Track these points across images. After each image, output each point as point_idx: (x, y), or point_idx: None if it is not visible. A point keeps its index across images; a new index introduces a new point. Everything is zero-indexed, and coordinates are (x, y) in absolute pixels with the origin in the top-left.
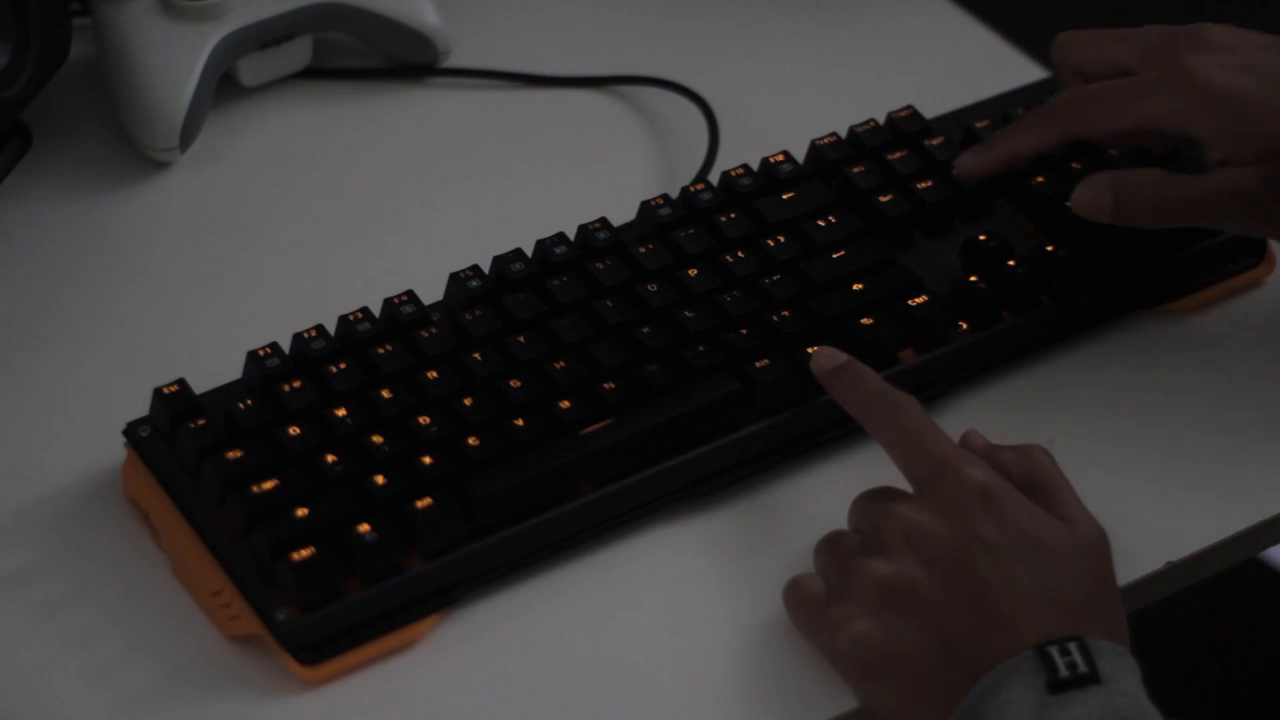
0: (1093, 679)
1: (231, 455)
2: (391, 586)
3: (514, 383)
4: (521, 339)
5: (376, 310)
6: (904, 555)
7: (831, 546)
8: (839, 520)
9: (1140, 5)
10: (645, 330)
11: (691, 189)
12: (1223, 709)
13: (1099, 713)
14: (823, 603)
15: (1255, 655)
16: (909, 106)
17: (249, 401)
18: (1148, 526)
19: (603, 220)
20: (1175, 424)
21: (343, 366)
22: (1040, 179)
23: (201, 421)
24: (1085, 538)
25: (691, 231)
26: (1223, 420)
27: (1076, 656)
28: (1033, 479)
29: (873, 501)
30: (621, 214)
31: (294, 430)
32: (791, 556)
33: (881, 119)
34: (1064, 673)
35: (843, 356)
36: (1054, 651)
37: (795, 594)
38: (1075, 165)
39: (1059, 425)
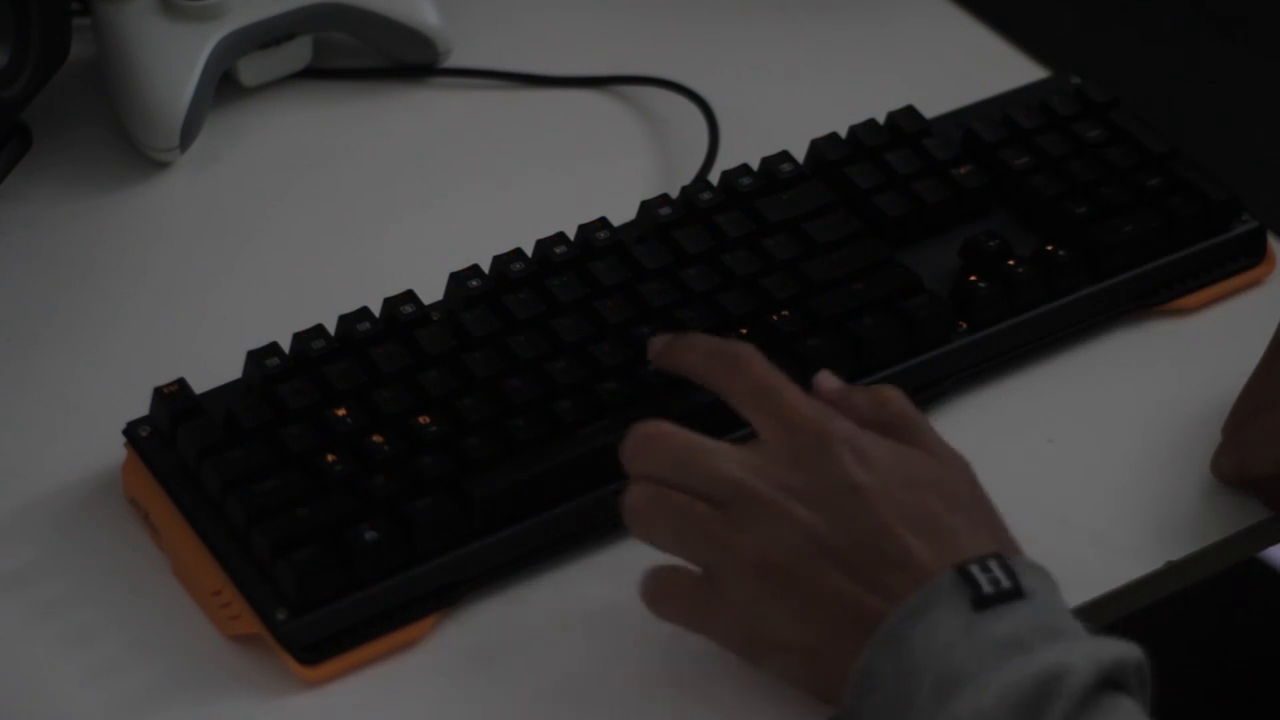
0: (1017, 593)
1: (231, 455)
2: (391, 586)
3: (514, 383)
4: (521, 339)
5: (376, 310)
6: (777, 522)
7: (682, 519)
8: None
9: (1140, 5)
10: (646, 330)
11: (691, 189)
12: (1223, 709)
13: (1028, 625)
14: (702, 589)
15: (1255, 655)
16: (909, 106)
17: (249, 401)
18: (1148, 526)
19: (603, 220)
20: (1176, 424)
21: (343, 366)
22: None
23: (201, 421)
24: (955, 466)
25: (691, 231)
26: (1222, 420)
27: (998, 573)
28: (889, 422)
29: (700, 455)
30: (621, 214)
31: (294, 430)
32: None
33: (881, 119)
34: (987, 589)
35: (669, 335)
36: (974, 570)
37: (663, 591)
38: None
39: (1059, 425)
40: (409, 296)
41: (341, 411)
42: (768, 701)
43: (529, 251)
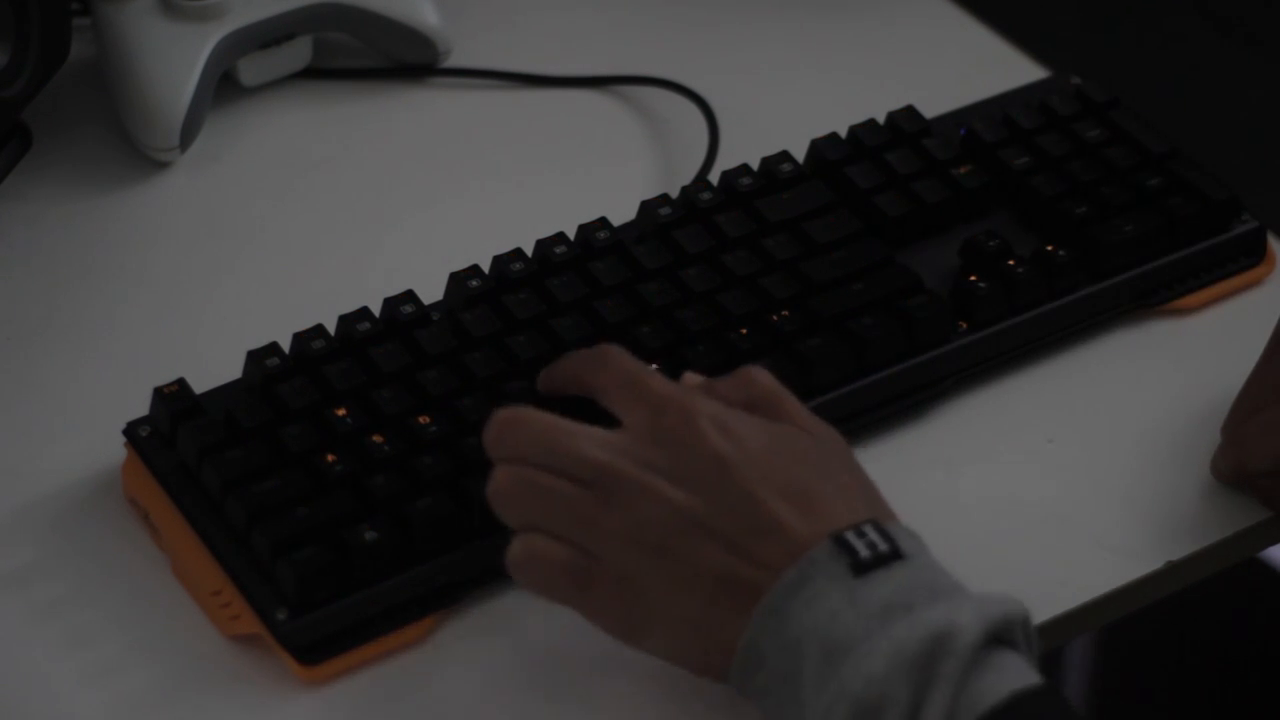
0: (895, 555)
1: (231, 455)
2: (391, 586)
3: (514, 383)
4: (521, 339)
5: (376, 310)
6: (644, 500)
7: (550, 499)
8: None
9: (1140, 5)
10: (645, 330)
11: (691, 189)
12: (1223, 709)
13: (910, 586)
14: (573, 566)
15: (1255, 655)
16: (909, 106)
17: (249, 401)
18: (1148, 526)
19: (603, 220)
20: (1176, 424)
21: (343, 366)
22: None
23: (201, 421)
24: (825, 438)
25: (691, 231)
26: (1222, 420)
27: (875, 537)
28: (756, 400)
29: (564, 438)
30: (621, 214)
31: (294, 430)
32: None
33: (881, 119)
34: (865, 553)
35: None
36: (850, 537)
37: (533, 564)
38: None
39: (1059, 425)
40: (409, 296)
41: (341, 411)
42: None
43: (529, 251)
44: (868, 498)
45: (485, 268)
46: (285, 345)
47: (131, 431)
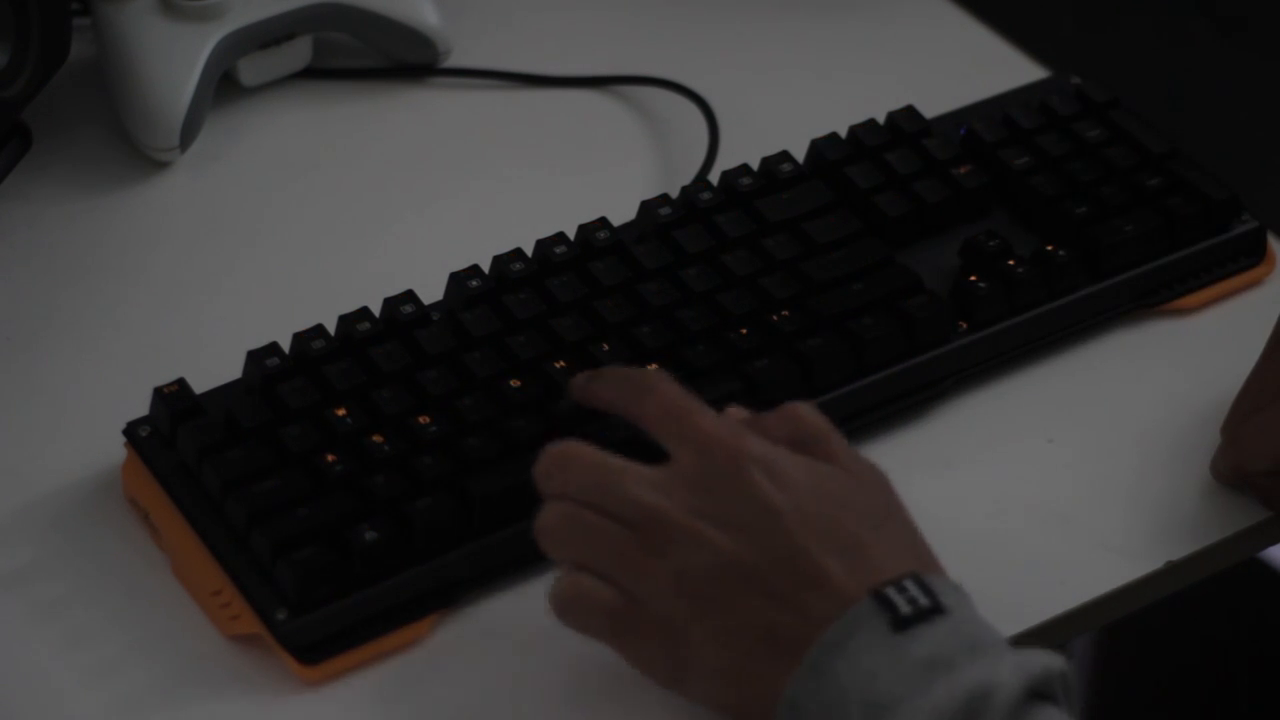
0: (936, 610)
1: (231, 455)
2: (391, 586)
3: (514, 383)
4: (521, 339)
5: (376, 310)
6: (692, 546)
7: (597, 541)
8: None
9: (1140, 5)
10: (645, 330)
11: (691, 189)
12: (1223, 709)
13: (951, 641)
14: (617, 607)
15: (1255, 655)
16: (909, 106)
17: (249, 401)
18: (1147, 527)
19: (603, 220)
20: (1175, 424)
21: (343, 366)
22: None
23: (201, 421)
24: (871, 482)
25: (691, 231)
26: (1222, 420)
27: (915, 592)
28: (802, 437)
29: (610, 478)
30: (621, 214)
31: (294, 430)
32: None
33: (881, 119)
34: (906, 610)
35: (587, 373)
36: (891, 592)
37: (578, 605)
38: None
39: (1059, 425)
40: (409, 296)
41: (341, 411)
42: None
43: (529, 251)
44: (913, 546)
45: (485, 268)
46: (285, 345)
47: (131, 431)
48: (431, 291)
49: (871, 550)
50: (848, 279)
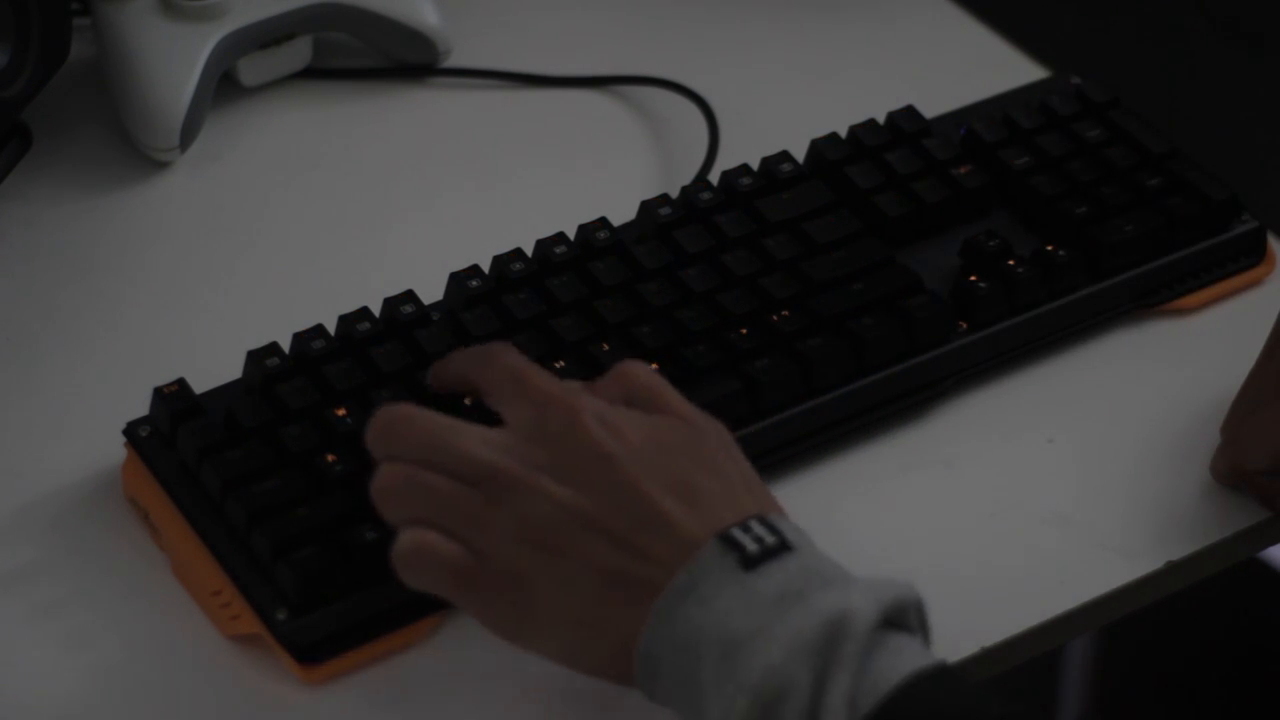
0: (783, 546)
1: (231, 455)
2: (391, 586)
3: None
4: (521, 339)
5: (376, 310)
6: (532, 500)
7: (436, 499)
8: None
9: (1140, 5)
10: (645, 330)
11: (691, 189)
12: (1223, 709)
13: (800, 576)
14: (464, 564)
15: (1255, 655)
16: (909, 106)
17: (249, 401)
18: (1147, 526)
19: (603, 220)
20: (1175, 424)
21: (343, 366)
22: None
23: (201, 421)
24: (708, 429)
25: (691, 231)
26: (1222, 420)
27: (760, 531)
28: (635, 394)
29: (450, 437)
30: (621, 214)
31: (294, 430)
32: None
33: (881, 119)
34: (753, 548)
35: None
36: (736, 532)
37: (424, 560)
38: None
39: (1059, 425)
40: (409, 296)
41: (341, 411)
42: None
43: (529, 251)
44: (752, 490)
45: (485, 268)
46: (285, 345)
47: (131, 431)
48: (431, 291)
49: (712, 493)
50: (848, 279)
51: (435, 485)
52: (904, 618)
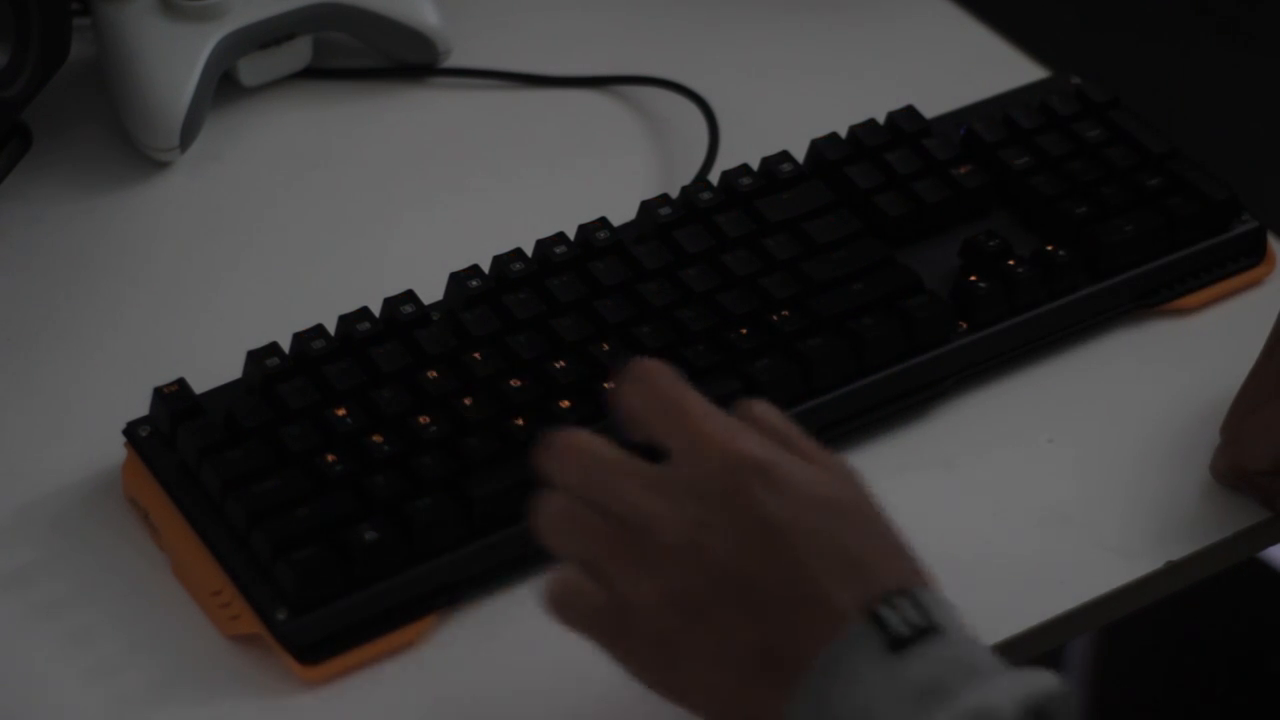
0: (931, 629)
1: (231, 455)
2: (391, 586)
3: (514, 383)
4: (521, 339)
5: (376, 310)
6: (687, 560)
7: (594, 543)
8: None
9: (1140, 5)
10: (645, 330)
11: (691, 189)
12: (1223, 709)
13: (947, 665)
14: (608, 611)
15: (1255, 655)
16: (909, 106)
17: (249, 401)
18: (1148, 527)
19: (603, 220)
20: (1175, 424)
21: (343, 366)
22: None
23: (201, 421)
24: (851, 478)
25: (691, 231)
26: (1222, 420)
27: (909, 611)
28: (772, 436)
29: (612, 477)
30: (621, 214)
31: (294, 430)
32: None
33: (881, 119)
34: (902, 630)
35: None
36: (885, 611)
37: (567, 603)
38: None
39: (1059, 425)
40: (409, 296)
41: (341, 411)
42: None
43: (529, 251)
44: (900, 553)
45: (485, 268)
46: (285, 345)
47: (131, 431)
48: (431, 291)
49: (868, 563)
50: (848, 279)
51: (593, 526)
52: (1051, 710)
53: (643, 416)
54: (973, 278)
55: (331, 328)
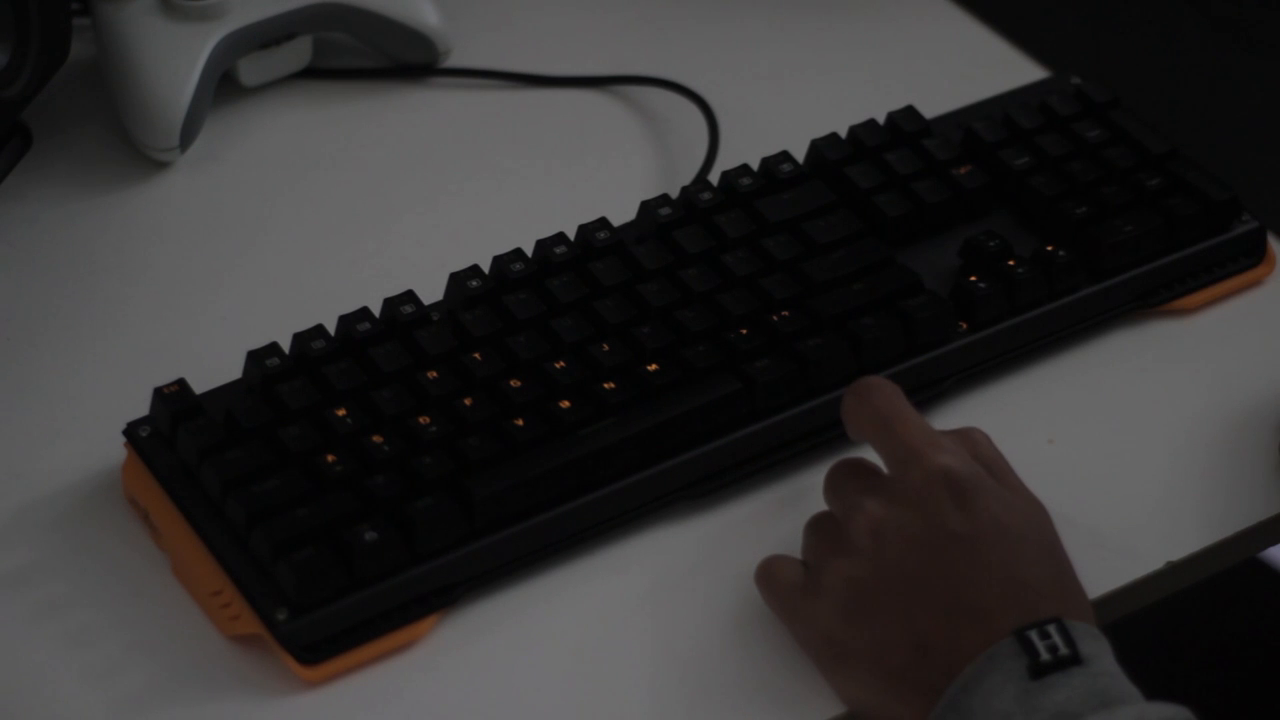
0: (1074, 660)
1: (231, 455)
2: (391, 586)
3: (514, 383)
4: (521, 339)
5: (376, 310)
6: (872, 552)
7: (815, 530)
8: None
9: (1140, 5)
10: (645, 330)
11: (691, 189)
12: (1223, 709)
13: (1082, 694)
14: (798, 590)
15: (1255, 655)
16: (909, 106)
17: (249, 401)
18: (1148, 526)
19: (603, 220)
20: (1175, 424)
21: (343, 366)
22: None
23: (201, 421)
24: (1040, 518)
25: (691, 231)
26: (1223, 420)
27: (1056, 639)
28: (979, 460)
29: (846, 481)
30: (621, 214)
31: (294, 430)
32: (791, 556)
33: (881, 119)
34: (1045, 656)
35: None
36: (1033, 635)
37: (770, 579)
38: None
39: (1059, 425)
40: (409, 296)
41: (341, 411)
42: (766, 701)
43: (529, 251)
44: (1068, 587)
45: (485, 268)
46: (285, 345)
47: (131, 431)
48: (431, 291)
49: (1031, 588)
50: (848, 279)
51: (820, 523)
52: None
53: (863, 427)
54: (973, 278)
55: (331, 328)
